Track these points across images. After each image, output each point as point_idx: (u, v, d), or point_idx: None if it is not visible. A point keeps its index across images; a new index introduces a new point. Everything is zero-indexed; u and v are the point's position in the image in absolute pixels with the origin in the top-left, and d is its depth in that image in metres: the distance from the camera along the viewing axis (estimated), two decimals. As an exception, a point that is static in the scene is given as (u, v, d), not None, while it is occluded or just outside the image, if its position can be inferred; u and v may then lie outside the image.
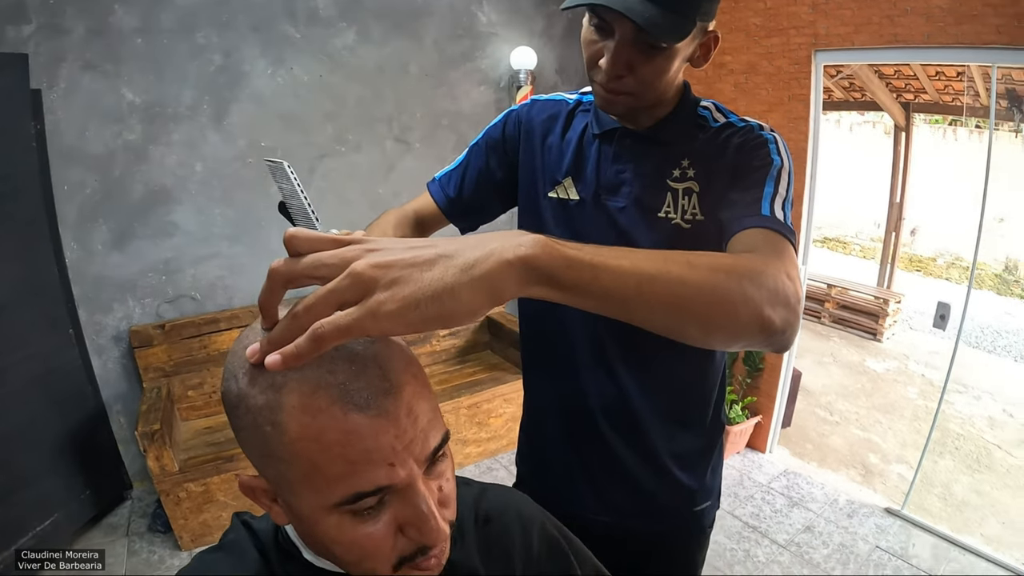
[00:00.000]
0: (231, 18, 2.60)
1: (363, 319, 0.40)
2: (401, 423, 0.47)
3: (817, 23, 2.60)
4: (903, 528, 2.72)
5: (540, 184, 1.07)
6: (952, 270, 7.11)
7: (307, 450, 0.45)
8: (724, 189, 0.90)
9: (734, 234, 0.82)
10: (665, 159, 0.97)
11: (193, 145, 2.65)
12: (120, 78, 2.45)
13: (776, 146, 0.91)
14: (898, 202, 6.20)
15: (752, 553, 2.58)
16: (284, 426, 0.45)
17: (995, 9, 2.11)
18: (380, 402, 0.46)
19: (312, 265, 0.43)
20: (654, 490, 1.11)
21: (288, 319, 0.42)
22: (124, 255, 2.60)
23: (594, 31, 0.86)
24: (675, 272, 0.54)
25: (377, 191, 3.17)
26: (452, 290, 0.42)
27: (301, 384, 0.45)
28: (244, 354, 0.47)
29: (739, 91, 3.00)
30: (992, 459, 3.65)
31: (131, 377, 2.70)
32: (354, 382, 0.46)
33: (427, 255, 0.43)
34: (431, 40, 3.10)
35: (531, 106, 1.11)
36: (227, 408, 0.50)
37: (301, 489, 0.47)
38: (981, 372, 5.00)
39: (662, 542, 1.14)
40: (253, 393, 0.46)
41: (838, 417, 4.09)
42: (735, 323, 0.58)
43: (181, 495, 2.38)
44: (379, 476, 0.46)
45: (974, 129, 6.44)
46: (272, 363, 0.41)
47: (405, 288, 0.41)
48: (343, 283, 0.41)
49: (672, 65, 0.86)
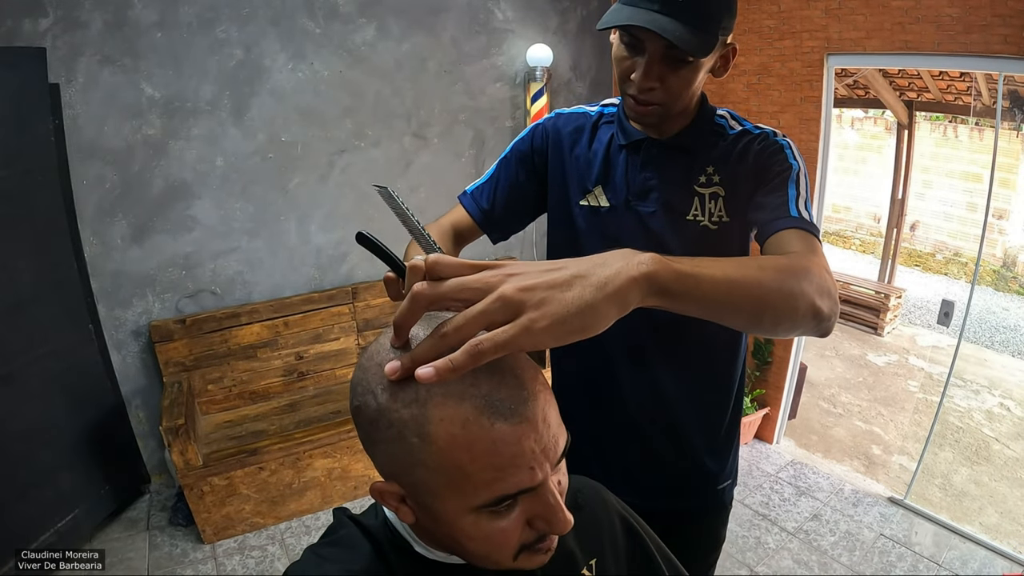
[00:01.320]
0: (251, 12, 2.65)
1: (519, 335, 0.45)
2: (539, 429, 0.50)
3: (830, 27, 2.70)
4: (906, 517, 2.86)
5: (572, 193, 1.16)
6: (951, 265, 7.29)
7: (456, 459, 0.48)
8: (750, 193, 1.02)
9: (771, 235, 0.93)
10: (691, 166, 1.07)
11: (213, 140, 2.70)
12: (139, 72, 2.50)
13: (791, 151, 1.03)
14: (900, 199, 6.35)
15: (762, 540, 2.71)
16: (432, 437, 0.48)
17: (1003, 19, 2.22)
18: (521, 410, 0.49)
19: (457, 288, 0.47)
20: (682, 473, 1.22)
21: (436, 338, 0.47)
22: (143, 250, 2.66)
23: (625, 48, 0.96)
24: (752, 276, 0.64)
25: (396, 186, 3.21)
26: (592, 306, 0.48)
27: (447, 397, 0.48)
28: (379, 370, 0.51)
29: (751, 91, 3.09)
30: (990, 451, 3.80)
31: (150, 372, 2.76)
32: (497, 393, 0.49)
33: (563, 276, 0.48)
34: (449, 36, 3.17)
35: (556, 119, 1.20)
36: (363, 422, 0.53)
37: (445, 493, 0.51)
38: (979, 367, 5.17)
39: (687, 519, 1.24)
40: (396, 407, 0.49)
41: (841, 409, 4.23)
42: (796, 314, 0.68)
43: (204, 489, 2.45)
44: (522, 479, 0.50)
45: (974, 127, 6.59)
46: (426, 375, 0.44)
47: (552, 307, 0.46)
48: (493, 305, 0.45)
49: (698, 76, 0.97)
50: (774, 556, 2.61)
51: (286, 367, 3.04)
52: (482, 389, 0.49)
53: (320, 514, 2.75)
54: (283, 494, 2.64)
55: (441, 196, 3.39)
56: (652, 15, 0.88)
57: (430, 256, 0.48)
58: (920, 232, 7.49)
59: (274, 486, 2.61)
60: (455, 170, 3.43)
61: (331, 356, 3.18)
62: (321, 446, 2.67)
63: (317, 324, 3.11)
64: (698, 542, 1.30)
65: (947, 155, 7.03)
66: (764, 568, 2.53)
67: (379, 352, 0.53)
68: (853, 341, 5.56)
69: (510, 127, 3.55)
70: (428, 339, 0.47)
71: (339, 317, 3.17)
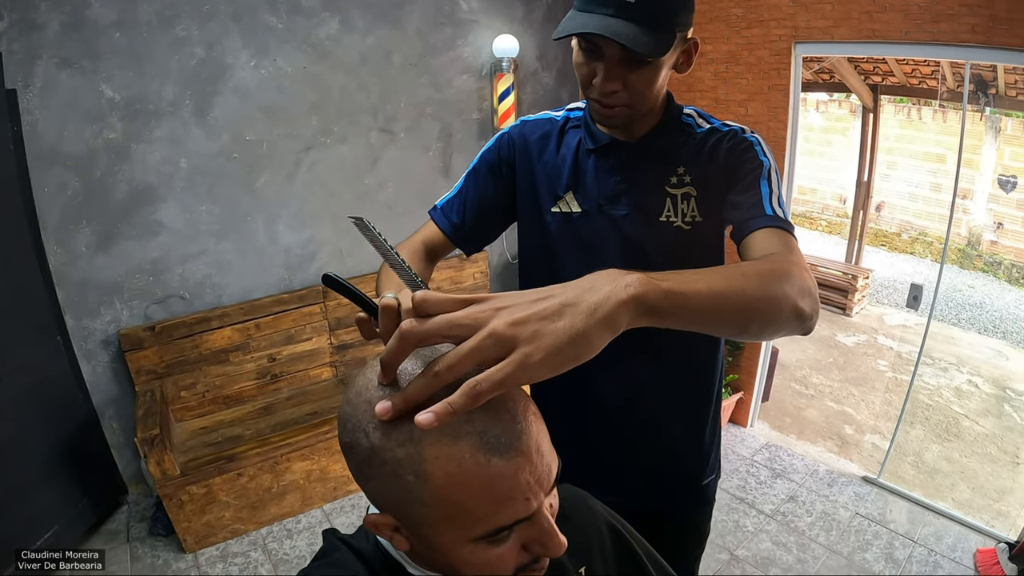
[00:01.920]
0: (212, 9, 2.64)
1: (516, 372, 0.46)
2: (534, 461, 0.52)
3: (797, 16, 2.80)
4: (880, 495, 3.03)
5: (543, 200, 1.18)
6: (917, 244, 7.59)
7: (453, 496, 0.50)
8: (723, 192, 1.05)
9: (747, 235, 0.97)
10: (661, 167, 1.10)
11: (176, 141, 2.69)
12: (99, 75, 2.47)
13: (761, 148, 1.06)
14: (866, 181, 6.59)
15: (741, 523, 2.84)
16: (429, 475, 0.50)
17: (971, 9, 2.32)
18: (516, 444, 0.51)
19: (446, 325, 0.48)
20: (666, 471, 1.27)
21: (429, 377, 0.48)
22: (109, 257, 2.65)
23: (584, 54, 0.98)
24: (737, 286, 0.66)
25: (363, 182, 3.27)
26: (584, 334, 0.49)
27: (442, 435, 0.49)
28: (368, 408, 0.52)
29: (719, 80, 3.19)
30: (960, 428, 4.01)
31: (122, 381, 2.77)
32: (492, 429, 0.50)
33: (553, 306, 0.49)
34: (414, 29, 3.20)
35: (522, 126, 1.22)
36: (355, 459, 0.54)
37: (442, 527, 0.52)
38: (947, 344, 5.42)
39: (673, 517, 1.29)
40: (390, 447, 0.51)
41: (813, 390, 4.40)
42: (780, 318, 0.71)
43: (183, 498, 2.49)
44: (519, 510, 0.52)
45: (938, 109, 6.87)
46: (426, 421, 0.45)
47: (545, 339, 0.47)
48: (486, 342, 0.47)
49: (660, 75, 0.99)
50: (753, 539, 2.74)
51: (259, 370, 3.07)
52: (476, 426, 0.50)
53: (301, 517, 2.80)
54: (263, 499, 2.69)
55: (409, 191, 3.44)
56: (606, 20, 0.90)
57: (417, 294, 0.49)
58: (885, 212, 7.80)
59: (253, 491, 2.65)
60: (423, 164, 3.48)
61: (304, 357, 3.21)
62: (299, 448, 2.71)
63: (289, 325, 3.14)
64: (684, 538, 1.35)
65: (911, 137, 7.32)
66: (744, 551, 2.66)
67: (367, 388, 0.54)
68: (822, 322, 5.69)
69: (477, 119, 3.60)
70: (420, 378, 0.49)
71: (311, 317, 3.21)
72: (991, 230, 7.15)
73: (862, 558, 2.61)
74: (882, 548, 2.67)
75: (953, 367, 5.01)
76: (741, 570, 2.56)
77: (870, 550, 2.66)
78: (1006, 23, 2.26)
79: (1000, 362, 5.24)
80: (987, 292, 6.79)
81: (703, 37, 3.05)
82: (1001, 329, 6.01)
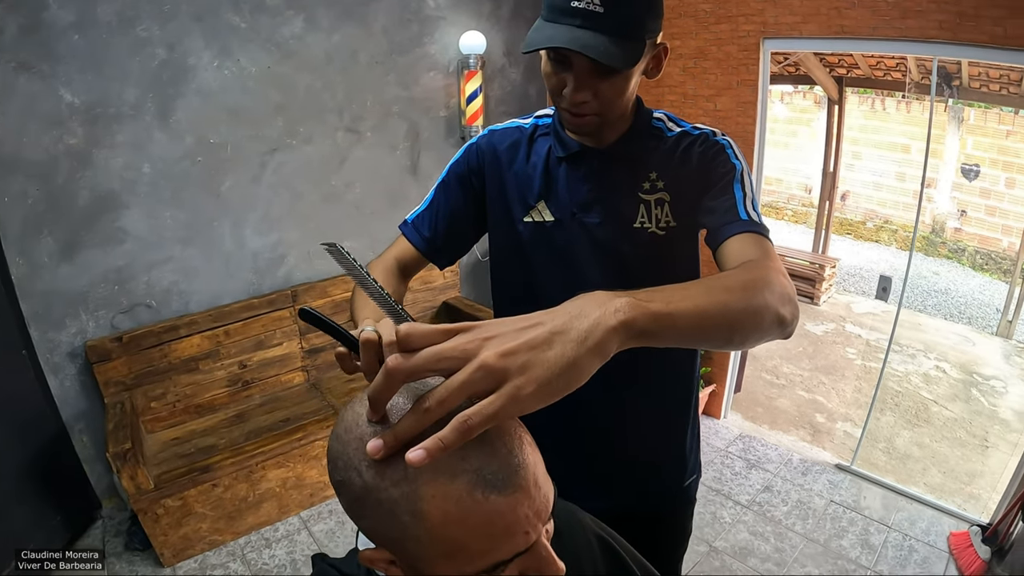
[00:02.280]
0: (173, 9, 2.61)
1: (507, 406, 0.46)
2: (532, 494, 0.52)
3: (766, 12, 2.88)
4: (854, 482, 3.15)
5: (514, 210, 1.18)
6: (882, 232, 7.84)
7: (451, 534, 0.49)
8: (697, 197, 1.06)
9: (723, 241, 0.98)
10: (633, 173, 1.11)
11: (139, 146, 2.67)
12: (58, 78, 2.44)
13: (732, 150, 1.08)
14: (832, 171, 6.78)
15: (718, 515, 2.93)
16: (425, 514, 0.49)
17: (939, 5, 2.41)
18: (514, 480, 0.51)
19: (433, 359, 0.47)
20: (650, 475, 1.30)
21: (419, 414, 0.47)
22: (73, 267, 2.62)
23: (553, 64, 0.98)
24: (720, 301, 0.66)
25: (330, 183, 3.27)
26: (575, 363, 0.49)
27: (437, 474, 0.49)
28: (360, 445, 0.52)
29: (688, 75, 3.26)
30: (929, 413, 4.18)
31: (91, 394, 2.74)
32: (488, 465, 0.50)
33: (542, 335, 0.49)
34: (380, 26, 3.20)
35: (490, 136, 1.22)
36: (348, 498, 0.54)
37: (439, 563, 0.52)
38: (914, 331, 5.62)
39: (656, 519, 1.32)
40: (384, 486, 0.50)
41: (784, 380, 4.54)
42: (763, 327, 0.72)
43: (159, 512, 2.47)
44: (518, 544, 0.52)
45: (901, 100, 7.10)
46: (417, 459, 0.44)
47: (535, 370, 0.47)
48: (476, 375, 0.46)
49: (630, 83, 1.00)
50: (731, 530, 2.83)
51: (230, 377, 3.07)
52: (473, 463, 0.50)
53: (279, 525, 2.81)
54: (239, 508, 2.69)
55: (377, 191, 3.46)
56: (574, 32, 0.90)
57: (401, 328, 0.49)
58: (851, 201, 8.04)
59: (229, 501, 2.65)
60: (390, 163, 3.49)
61: (275, 362, 3.22)
62: (273, 456, 2.72)
63: (259, 330, 3.13)
64: (669, 539, 1.38)
65: (875, 127, 7.56)
66: (722, 542, 2.75)
67: (357, 425, 0.54)
68: (792, 311, 5.95)
69: (444, 117, 3.62)
70: (410, 414, 0.48)
71: (280, 322, 3.21)
72: (955, 218, 7.44)
73: (839, 545, 2.72)
74: (858, 534, 2.78)
75: (921, 353, 5.21)
76: (720, 561, 2.64)
77: (846, 537, 2.77)
78: (972, 20, 2.35)
79: (967, 347, 5.46)
80: (952, 279, 7.07)
81: (672, 33, 3.17)
82: (967, 315, 6.28)
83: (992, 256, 7.10)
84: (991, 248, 7.15)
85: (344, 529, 2.81)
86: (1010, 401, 4.55)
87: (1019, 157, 6.68)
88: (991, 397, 4.57)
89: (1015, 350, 5.52)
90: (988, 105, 6.55)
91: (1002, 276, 6.84)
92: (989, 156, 6.91)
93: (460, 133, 3.68)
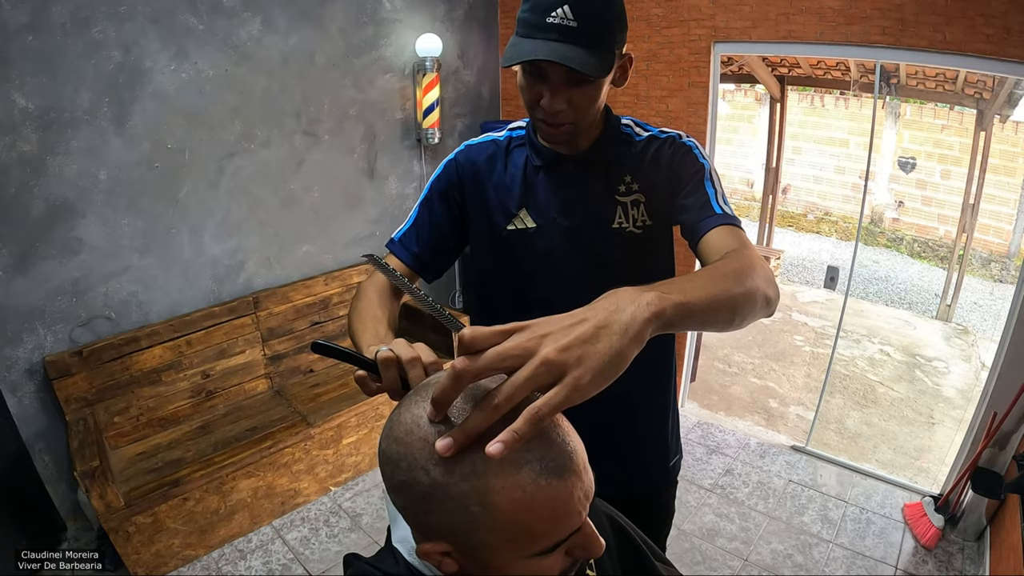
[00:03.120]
0: (129, 10, 2.63)
1: (570, 395, 0.52)
2: (583, 477, 0.59)
3: (716, 17, 3.10)
4: (809, 462, 3.43)
5: (496, 220, 1.27)
6: (822, 224, 8.35)
7: (518, 520, 0.55)
8: (671, 196, 1.18)
9: (703, 234, 1.09)
10: (608, 177, 1.21)
11: (94, 152, 2.67)
12: (10, 82, 2.42)
13: (699, 151, 1.20)
14: (774, 167, 7.21)
15: (684, 499, 3.13)
16: (494, 504, 0.55)
17: (882, 12, 2.67)
18: (569, 465, 0.57)
19: (498, 359, 0.53)
20: (639, 457, 1.43)
21: (489, 410, 0.53)
22: (28, 279, 2.60)
23: (529, 77, 1.08)
24: (722, 287, 0.76)
25: (288, 187, 3.35)
26: (620, 353, 0.56)
27: (504, 465, 0.55)
28: (423, 445, 0.57)
29: (640, 77, 3.47)
30: (876, 395, 4.55)
31: (51, 411, 2.73)
32: (548, 454, 0.57)
33: (589, 330, 0.56)
34: (336, 28, 3.29)
35: (467, 151, 1.31)
36: (412, 497, 0.59)
37: (504, 548, 0.58)
38: (857, 317, 6.05)
39: (645, 501, 1.45)
40: (454, 481, 0.55)
41: (736, 368, 4.84)
42: (755, 308, 0.83)
43: (130, 530, 2.48)
44: (573, 524, 0.59)
45: (839, 96, 7.61)
46: (497, 451, 0.50)
47: (590, 362, 0.54)
48: (539, 370, 0.52)
49: (602, 92, 1.10)
50: (697, 512, 3.05)
51: (193, 388, 3.10)
52: (535, 453, 0.56)
53: (252, 536, 2.87)
54: (211, 521, 2.73)
55: (335, 193, 3.55)
56: (552, 45, 0.99)
57: (464, 332, 0.54)
58: (792, 195, 8.54)
59: (201, 515, 2.69)
60: (347, 166, 3.59)
61: (238, 371, 3.27)
62: (243, 466, 2.78)
63: (221, 339, 3.18)
64: (657, 519, 1.51)
65: (815, 123, 8.07)
66: (690, 525, 2.95)
67: (418, 426, 0.59)
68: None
69: (400, 119, 3.74)
70: (478, 411, 0.53)
71: (242, 329, 3.26)
72: (893, 208, 8.02)
73: (800, 521, 2.97)
74: (817, 511, 3.04)
75: (865, 338, 5.63)
76: (689, 543, 2.84)
77: (806, 513, 3.02)
78: (913, 25, 2.61)
79: (908, 331, 5.92)
80: (891, 266, 7.64)
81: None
82: (907, 300, 6.80)
83: (929, 244, 7.71)
84: (928, 236, 7.76)
85: (318, 536, 2.89)
86: (952, 380, 4.98)
87: (953, 150, 7.30)
88: (934, 377, 4.99)
89: (955, 332, 6.01)
90: (924, 101, 7.13)
91: (939, 263, 7.45)
92: (925, 149, 7.53)
93: (416, 135, 3.81)
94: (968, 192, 6.58)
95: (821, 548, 2.80)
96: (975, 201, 6.50)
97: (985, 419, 2.74)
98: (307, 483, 3.08)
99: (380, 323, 1.06)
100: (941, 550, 2.77)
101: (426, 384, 0.65)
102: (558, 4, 0.99)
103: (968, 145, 6.72)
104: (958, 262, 6.50)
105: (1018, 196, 6.75)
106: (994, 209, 6.92)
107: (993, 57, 2.49)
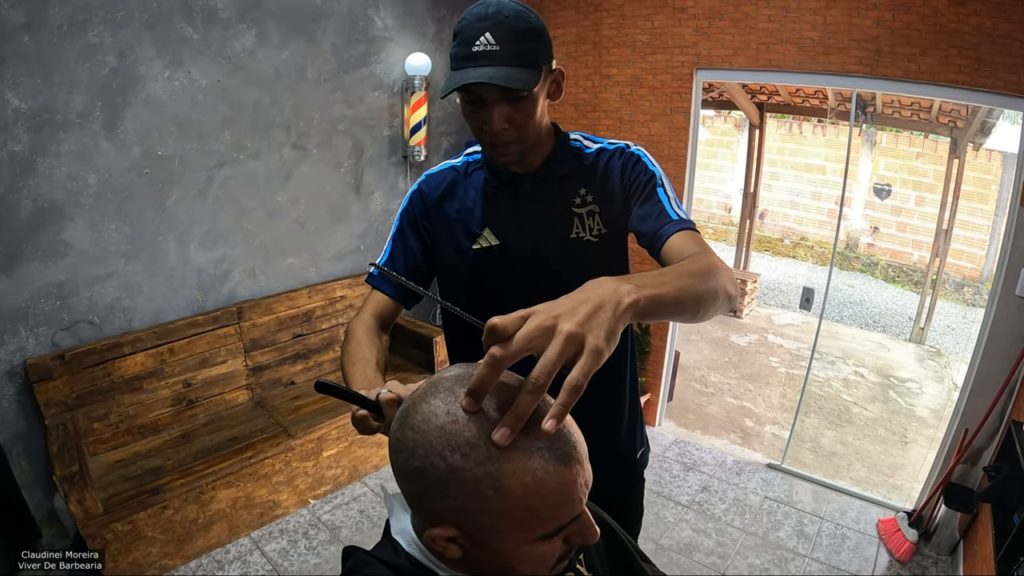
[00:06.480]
0: (126, 15, 2.68)
1: (595, 361, 0.58)
2: (584, 465, 0.64)
3: (699, 44, 3.23)
4: (785, 479, 3.51)
5: (461, 242, 1.34)
6: (798, 249, 8.55)
7: (527, 503, 0.60)
8: (623, 204, 1.27)
9: (664, 241, 1.16)
10: (563, 191, 1.29)
11: (85, 155, 2.70)
12: (4, 81, 2.44)
13: (647, 159, 1.29)
14: (751, 191, 7.40)
15: (661, 515, 3.21)
16: (506, 488, 0.59)
17: (859, 43, 2.81)
18: (573, 453, 0.62)
19: (527, 341, 0.58)
20: (606, 448, 1.46)
21: (532, 391, 0.57)
22: (12, 281, 2.61)
23: (470, 106, 1.16)
24: (688, 283, 0.84)
25: (275, 199, 3.39)
26: (615, 328, 0.63)
27: (516, 452, 0.59)
28: (441, 433, 0.61)
29: (624, 101, 3.59)
30: (851, 414, 4.67)
31: (29, 415, 2.72)
32: (555, 444, 0.62)
33: (591, 307, 0.62)
34: (329, 44, 3.37)
35: (427, 180, 1.39)
36: (428, 482, 0.62)
37: (511, 532, 0.62)
38: (832, 339, 6.21)
39: (612, 497, 1.44)
40: (470, 467, 0.59)
41: (712, 388, 4.95)
42: (717, 302, 0.91)
43: (108, 537, 2.48)
44: (575, 509, 0.64)
45: (817, 123, 7.84)
46: (551, 426, 0.56)
47: (602, 330, 0.61)
48: (566, 344, 0.58)
49: (538, 106, 1.18)
50: (674, 528, 3.11)
51: (174, 396, 3.10)
52: (544, 441, 0.61)
53: (230, 546, 2.87)
54: (189, 531, 2.73)
55: (321, 207, 3.60)
56: (480, 70, 1.07)
57: (494, 320, 0.59)
58: (769, 220, 8.75)
59: (179, 524, 2.68)
60: (335, 180, 3.65)
61: (220, 380, 3.28)
62: (223, 476, 2.79)
63: (203, 348, 3.19)
64: (626, 516, 1.56)
65: (792, 149, 8.30)
66: (667, 540, 3.01)
67: (435, 415, 0.62)
68: (716, 324, 6.43)
69: (388, 136, 3.82)
70: (525, 394, 0.58)
71: (225, 339, 3.28)
72: (868, 234, 8.25)
73: (776, 536, 3.04)
74: (793, 526, 3.11)
75: (840, 360, 5.77)
76: (667, 558, 2.89)
77: (782, 529, 3.09)
78: (889, 56, 2.75)
79: (882, 353, 6.09)
80: (866, 290, 7.86)
81: (609, 61, 3.52)
82: (881, 323, 6.98)
83: (903, 269, 7.94)
84: (902, 261, 7.99)
85: (297, 548, 2.90)
86: (925, 400, 5.12)
87: (928, 177, 7.56)
88: (907, 397, 5.13)
89: (928, 354, 6.20)
90: (899, 129, 7.38)
91: (913, 287, 7.68)
92: (900, 176, 7.79)
93: (403, 152, 3.88)
94: (942, 218, 6.78)
95: (797, 562, 2.87)
96: (948, 227, 6.71)
97: (957, 436, 2.85)
98: (286, 495, 3.09)
99: (368, 366, 1.14)
100: (915, 563, 2.85)
101: (437, 380, 0.68)
102: (480, 32, 1.08)
103: (942, 172, 6.96)
104: (931, 286, 6.68)
105: (990, 222, 6.97)
106: (967, 235, 7.14)
107: (965, 87, 2.62)
